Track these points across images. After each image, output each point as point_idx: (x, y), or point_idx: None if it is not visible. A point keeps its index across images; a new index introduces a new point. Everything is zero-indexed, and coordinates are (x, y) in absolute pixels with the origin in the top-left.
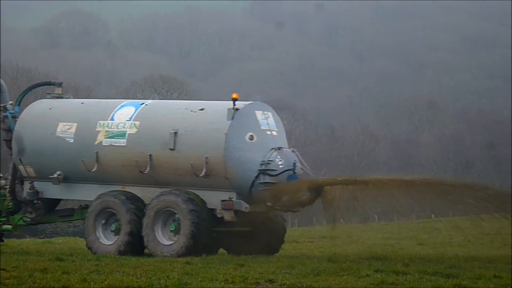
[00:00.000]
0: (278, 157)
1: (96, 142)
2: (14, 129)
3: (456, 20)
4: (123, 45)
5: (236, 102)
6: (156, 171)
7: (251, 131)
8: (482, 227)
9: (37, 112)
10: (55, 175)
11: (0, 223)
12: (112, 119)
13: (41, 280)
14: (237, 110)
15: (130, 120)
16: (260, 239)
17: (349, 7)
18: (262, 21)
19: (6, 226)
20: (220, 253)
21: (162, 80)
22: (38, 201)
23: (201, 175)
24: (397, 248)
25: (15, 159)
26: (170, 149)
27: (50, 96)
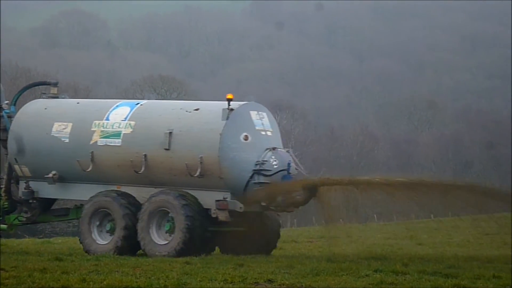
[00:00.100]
0: (273, 157)
1: (91, 142)
2: (9, 129)
3: (456, 20)
4: (123, 45)
5: (231, 103)
6: (151, 171)
7: (245, 131)
8: (482, 227)
9: (32, 112)
10: (50, 175)
11: None
12: (108, 119)
13: (40, 280)
14: (232, 110)
15: (125, 120)
16: (255, 239)
17: (348, 7)
18: (261, 21)
19: (2, 226)
20: (219, 253)
21: (162, 80)
22: (34, 201)
23: (195, 175)
24: (396, 248)
25: (10, 159)
26: (165, 149)
27: (45, 96)
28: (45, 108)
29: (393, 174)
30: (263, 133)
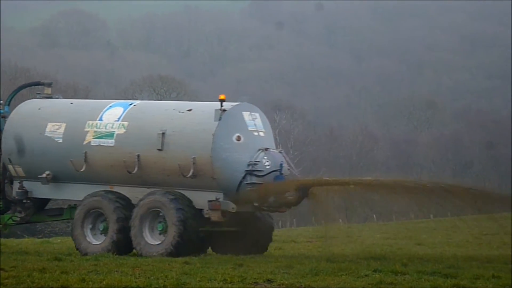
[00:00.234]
0: (265, 158)
1: (85, 142)
2: (3, 129)
3: (455, 20)
4: (122, 45)
5: (224, 103)
6: (144, 171)
7: (238, 132)
8: (481, 227)
9: (26, 112)
10: (44, 175)
11: None
12: (101, 119)
13: (40, 280)
14: (225, 111)
15: (118, 121)
16: (248, 239)
17: (348, 7)
18: (261, 21)
19: None
20: (217, 254)
21: (161, 80)
22: (28, 201)
23: (188, 176)
24: (395, 248)
25: (4, 159)
26: (158, 149)
27: (39, 96)
28: (39, 109)
29: (392, 174)
30: (256, 133)
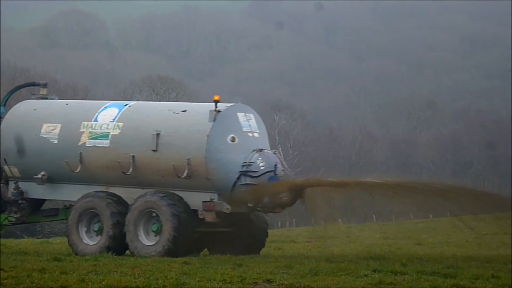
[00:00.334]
0: (260, 158)
1: (80, 143)
2: None
3: (455, 20)
4: (121, 45)
5: (218, 104)
6: (139, 172)
7: (232, 133)
8: (480, 227)
9: (22, 113)
10: (39, 176)
11: None
12: (96, 120)
13: (39, 280)
14: (219, 112)
15: (113, 122)
16: (242, 240)
17: (347, 7)
18: (260, 21)
19: None
20: (216, 254)
21: (160, 80)
22: (23, 201)
23: (183, 176)
24: (395, 248)
25: None
26: (153, 150)
27: (35, 97)
28: (35, 109)
29: (391, 174)
30: (250, 134)
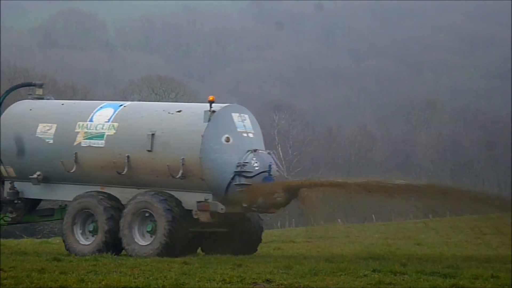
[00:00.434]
0: (254, 159)
1: (75, 143)
2: None
3: (454, 20)
4: (121, 45)
5: (213, 105)
6: (134, 172)
7: (227, 133)
8: (479, 227)
9: (18, 113)
10: (35, 176)
11: None
12: (91, 120)
13: (39, 280)
14: (214, 112)
15: (108, 122)
16: (237, 240)
17: (346, 7)
18: (259, 21)
19: None
20: (216, 254)
21: (160, 80)
22: (19, 201)
23: (177, 177)
24: (394, 248)
25: None
26: (148, 150)
27: (31, 97)
28: (30, 109)
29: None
30: (245, 135)
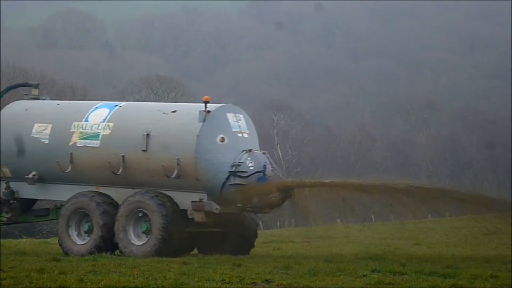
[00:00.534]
0: (249, 159)
1: (71, 143)
2: None
3: (453, 20)
4: (120, 45)
5: (208, 105)
6: (129, 172)
7: (222, 133)
8: (478, 227)
9: (13, 113)
10: (30, 176)
11: None
12: (87, 120)
13: (38, 280)
14: (209, 112)
15: (104, 122)
16: (232, 240)
17: (346, 7)
18: (258, 21)
19: None
20: (216, 254)
21: (159, 81)
22: (14, 201)
23: (172, 176)
24: (393, 248)
25: None
26: (143, 150)
27: (27, 97)
28: (26, 110)
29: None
30: (240, 135)
